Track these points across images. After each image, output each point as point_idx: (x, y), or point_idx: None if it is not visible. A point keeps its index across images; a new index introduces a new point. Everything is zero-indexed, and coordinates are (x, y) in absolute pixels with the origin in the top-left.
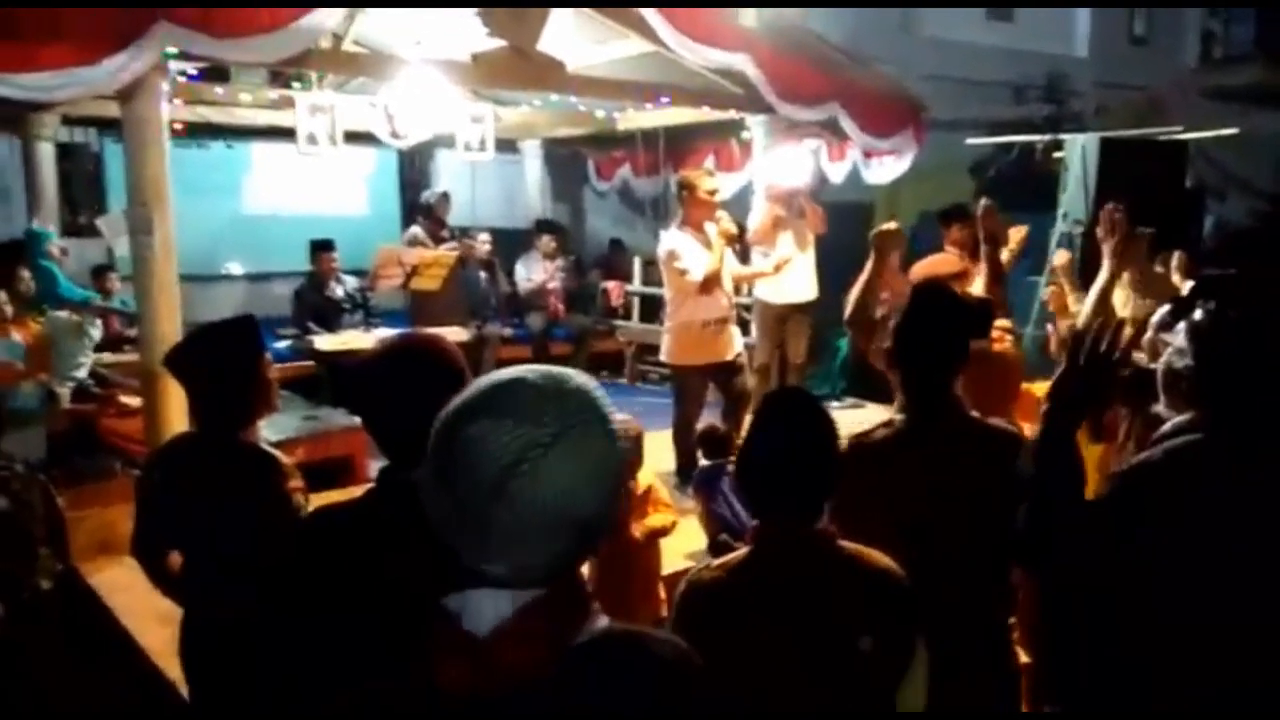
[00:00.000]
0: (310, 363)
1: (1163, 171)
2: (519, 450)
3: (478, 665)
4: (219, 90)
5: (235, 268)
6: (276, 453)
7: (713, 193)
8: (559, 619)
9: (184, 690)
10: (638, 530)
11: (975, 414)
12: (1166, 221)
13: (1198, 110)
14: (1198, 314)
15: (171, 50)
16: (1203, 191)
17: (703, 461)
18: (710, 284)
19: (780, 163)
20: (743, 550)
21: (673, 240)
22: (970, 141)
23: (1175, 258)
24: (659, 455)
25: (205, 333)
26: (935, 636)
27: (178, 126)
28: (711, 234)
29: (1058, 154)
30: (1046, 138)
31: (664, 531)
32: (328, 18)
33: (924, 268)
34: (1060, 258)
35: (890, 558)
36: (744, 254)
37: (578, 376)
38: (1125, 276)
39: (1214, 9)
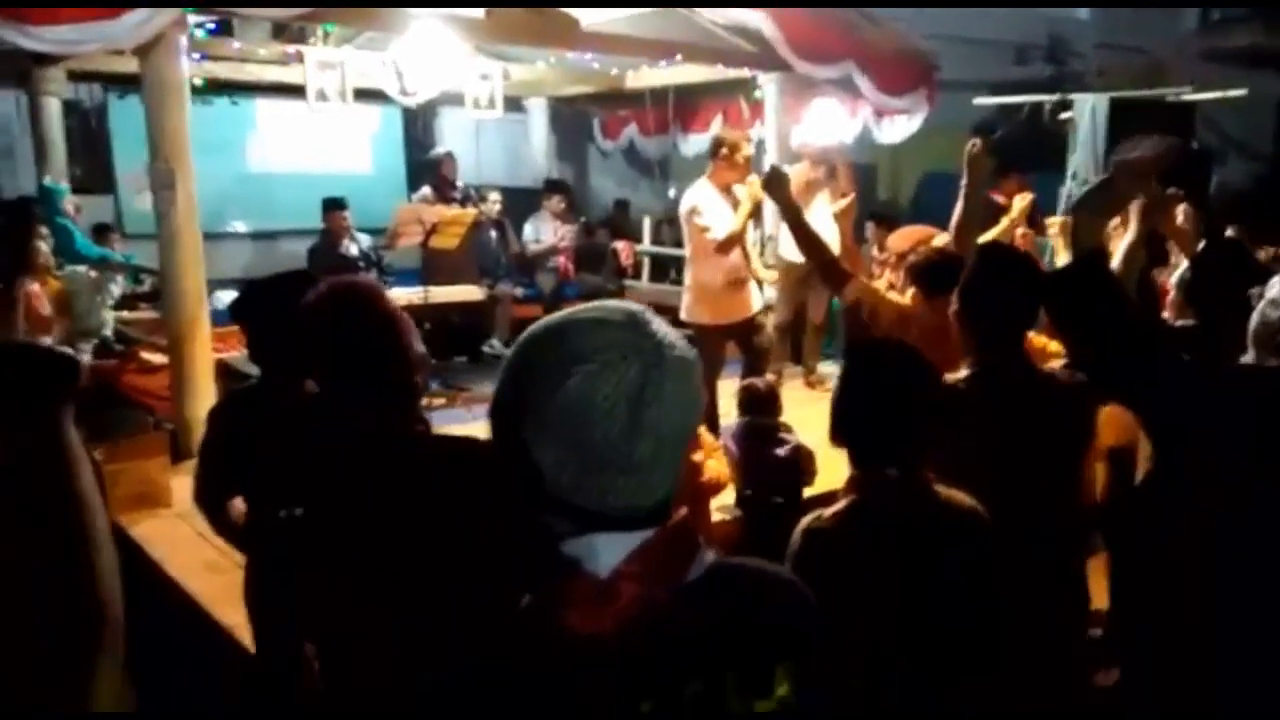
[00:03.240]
0: None
1: (1171, 133)
2: (638, 381)
3: (601, 605)
4: (236, 45)
5: (240, 226)
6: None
7: (748, 159)
8: (673, 555)
9: (243, 636)
10: (707, 473)
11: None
12: (1176, 182)
13: (1198, 72)
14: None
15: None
16: (1210, 153)
17: (740, 417)
18: (729, 245)
19: (816, 121)
20: (847, 499)
21: (697, 196)
22: (978, 101)
23: (1181, 213)
24: None
25: (268, 284)
26: (1012, 573)
27: (196, 83)
28: (741, 195)
29: (1065, 114)
30: (1055, 98)
31: (719, 486)
32: None
33: (905, 237)
34: (1053, 222)
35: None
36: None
37: (626, 305)
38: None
39: None
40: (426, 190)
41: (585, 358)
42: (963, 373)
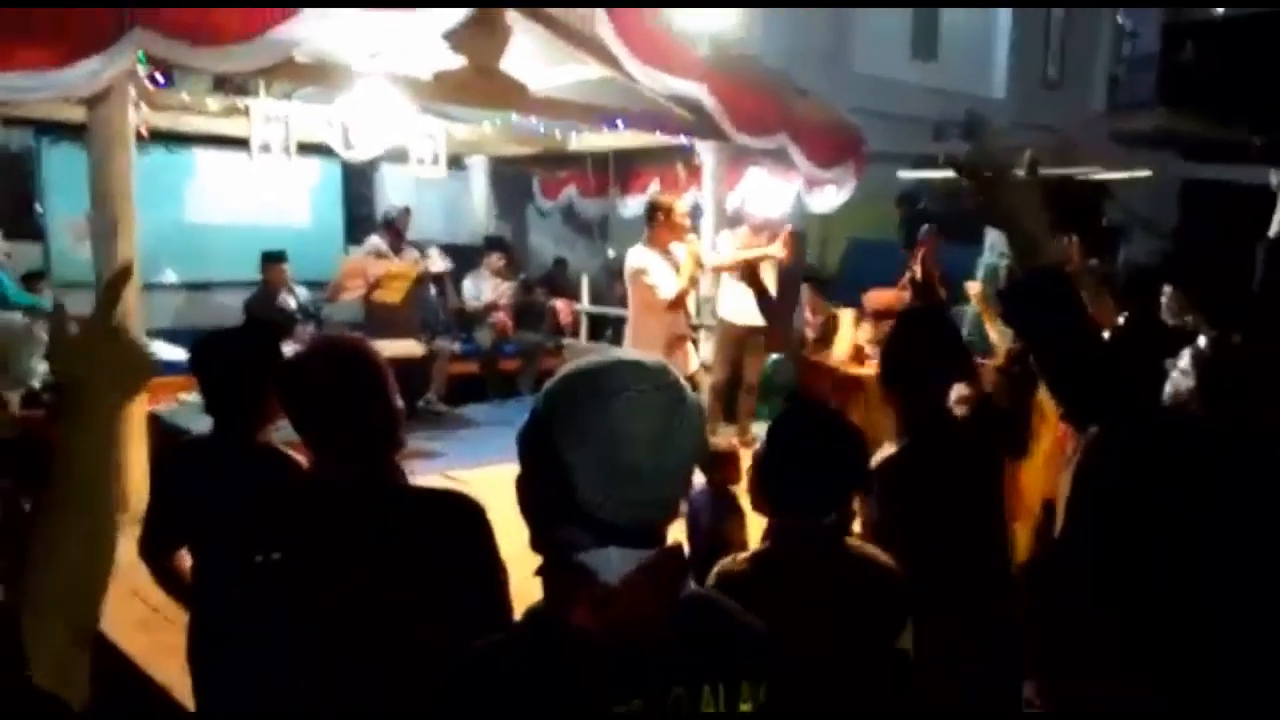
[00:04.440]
0: None
1: (1082, 210)
2: (669, 406)
3: (610, 610)
4: (185, 96)
5: (172, 276)
6: (291, 453)
7: (684, 216)
8: (672, 574)
9: (181, 694)
10: None
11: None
12: (1087, 257)
13: (1106, 152)
14: (1201, 340)
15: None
16: (1118, 230)
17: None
18: (679, 302)
19: (758, 190)
20: (760, 547)
21: (642, 258)
22: (902, 174)
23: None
24: None
25: (226, 335)
26: (945, 630)
27: (142, 132)
28: (680, 255)
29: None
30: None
31: None
32: (303, 28)
33: (879, 298)
34: (973, 287)
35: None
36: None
37: (650, 354)
38: None
39: (1120, 56)
40: (379, 242)
41: (627, 387)
42: (896, 446)
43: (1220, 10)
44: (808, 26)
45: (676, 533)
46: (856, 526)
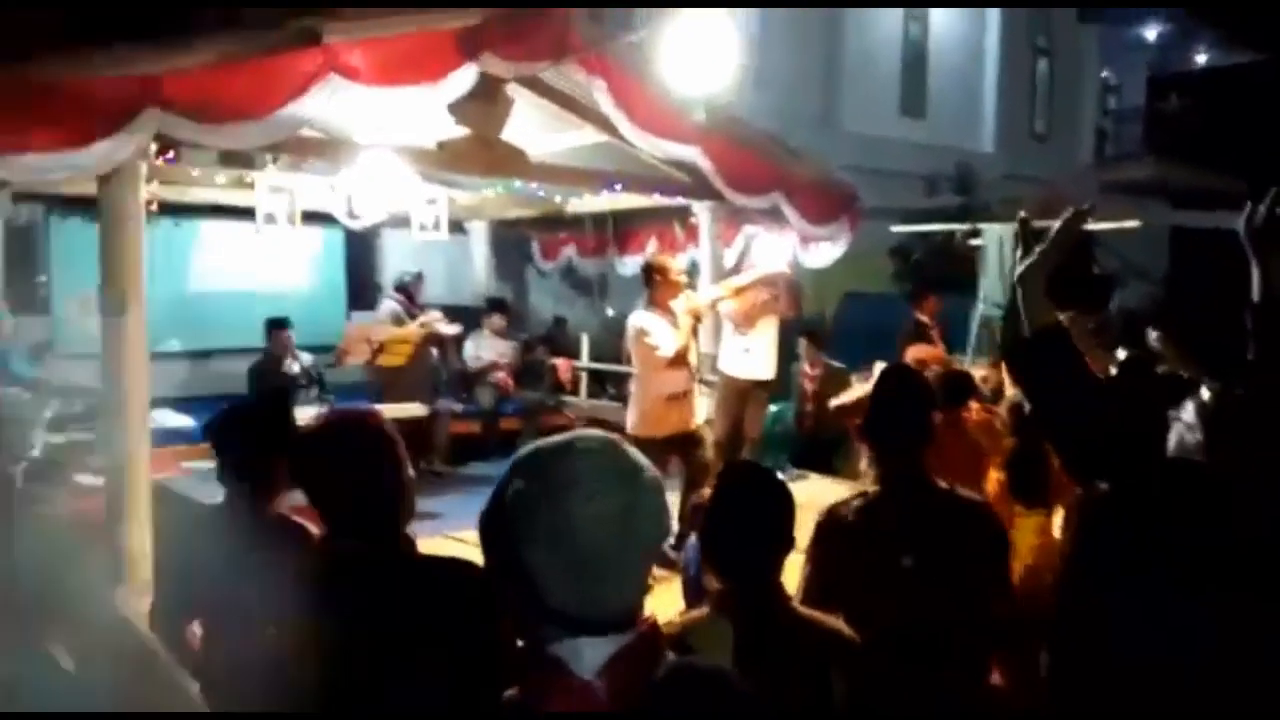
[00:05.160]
0: None
1: (1072, 258)
2: (630, 496)
3: (582, 702)
4: (195, 172)
5: (176, 344)
6: (305, 522)
7: (680, 275)
8: (645, 658)
9: None
10: None
11: (944, 484)
12: (1080, 306)
13: (1096, 203)
14: (1204, 393)
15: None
16: (1109, 278)
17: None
18: (677, 359)
19: (768, 248)
20: (703, 610)
21: (642, 319)
22: (895, 229)
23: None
24: None
25: (241, 406)
26: (910, 692)
27: (152, 208)
28: (679, 311)
29: (975, 241)
30: (966, 226)
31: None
32: (311, 105)
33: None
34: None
35: (867, 620)
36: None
37: (602, 435)
38: None
39: (1105, 109)
40: (396, 307)
41: (579, 482)
42: (870, 489)
43: (1202, 60)
44: (798, 89)
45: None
46: None
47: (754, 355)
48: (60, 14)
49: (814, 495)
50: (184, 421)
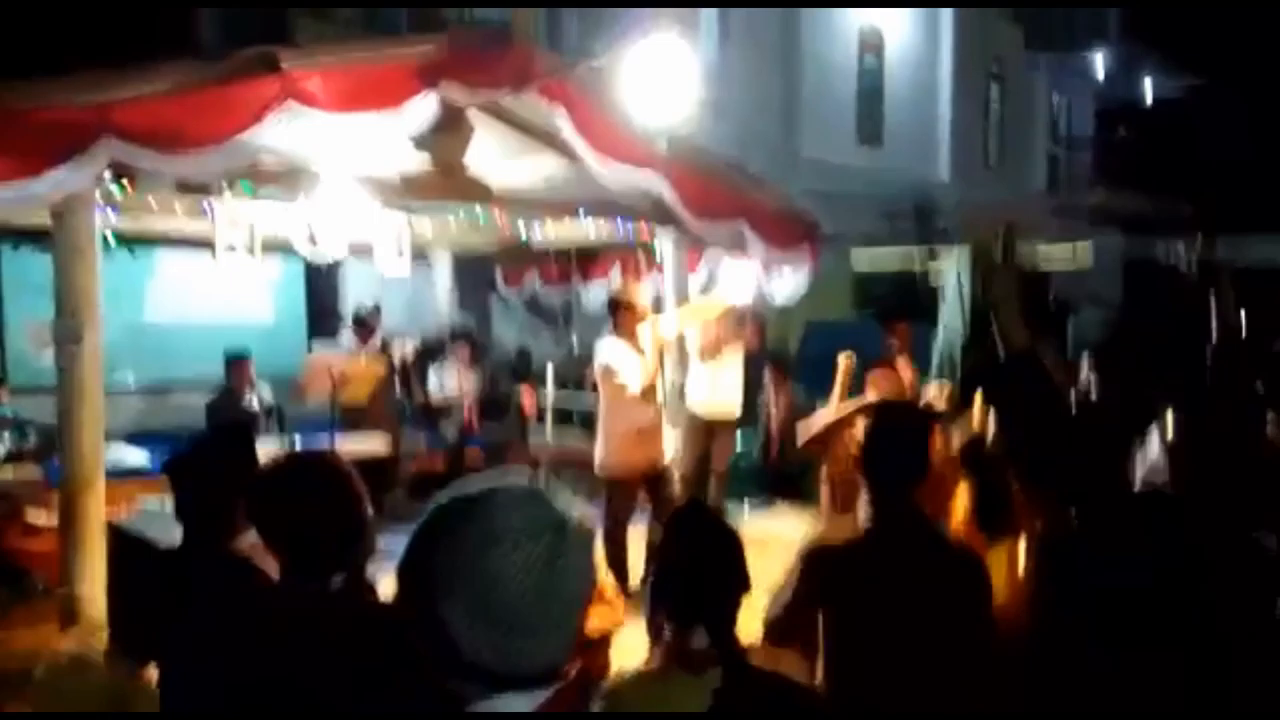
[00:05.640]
0: None
1: (1029, 285)
2: (545, 556)
3: None
4: (151, 200)
5: (131, 378)
6: (258, 563)
7: (645, 308)
8: (571, 708)
9: None
10: (592, 630)
11: (935, 526)
12: (1036, 331)
13: (1050, 229)
14: (1169, 420)
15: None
16: (1065, 305)
17: None
18: (645, 393)
19: (734, 278)
20: (657, 661)
21: (609, 352)
22: (858, 255)
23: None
24: None
25: (201, 442)
26: None
27: (108, 236)
28: (645, 341)
29: (933, 262)
30: (925, 249)
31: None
32: (270, 133)
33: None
34: (930, 390)
35: (845, 662)
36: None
37: (527, 484)
38: None
39: (1056, 136)
40: (350, 337)
41: (498, 537)
42: (862, 526)
43: (1149, 85)
44: (757, 117)
45: None
46: None
47: (720, 389)
48: (13, 42)
49: (783, 527)
50: (139, 457)
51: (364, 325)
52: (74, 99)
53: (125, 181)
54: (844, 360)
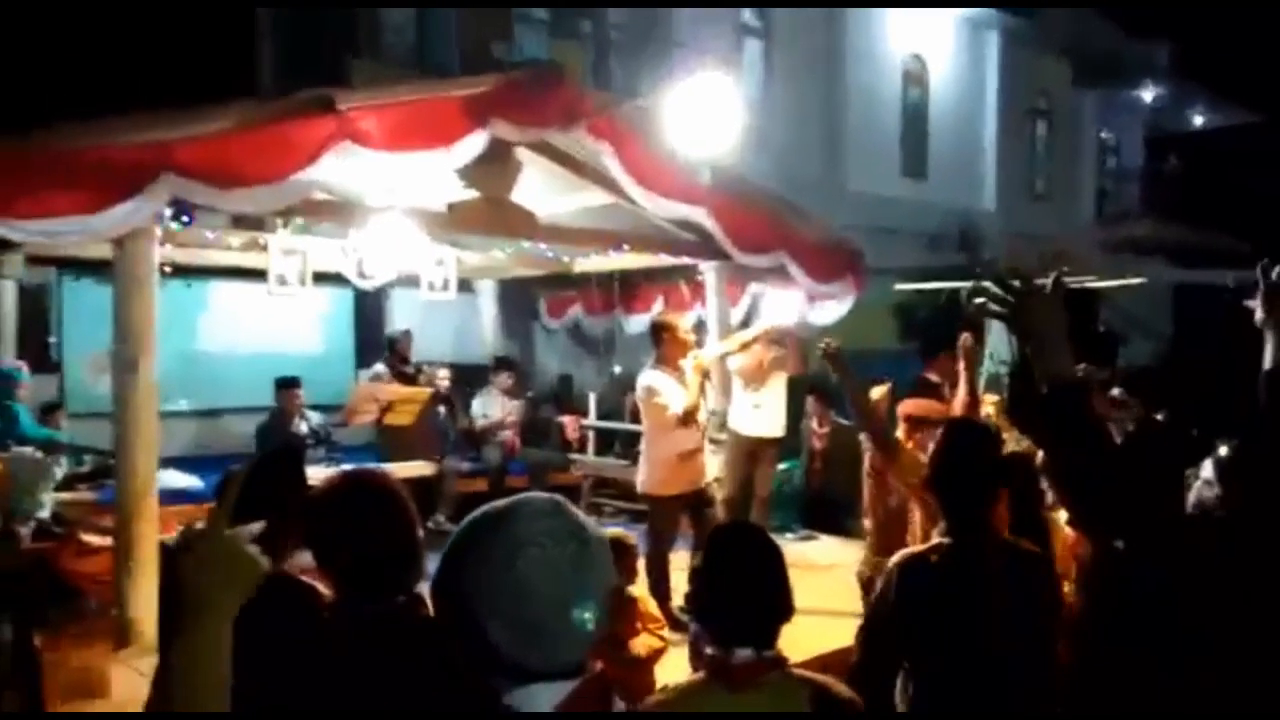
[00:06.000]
0: None
1: (1077, 316)
2: (575, 555)
3: None
4: (209, 235)
5: (185, 404)
6: (315, 583)
7: (688, 334)
8: (594, 703)
9: None
10: (640, 648)
11: (1007, 538)
12: (1086, 362)
13: (1098, 260)
14: (1222, 450)
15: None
16: (1114, 335)
17: None
18: (687, 417)
19: (776, 305)
20: (699, 676)
21: (651, 378)
22: (899, 287)
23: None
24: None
25: (252, 464)
26: None
27: (165, 269)
28: (687, 370)
29: (980, 299)
30: (970, 284)
31: (658, 654)
32: (324, 170)
33: (916, 406)
34: (989, 399)
35: (929, 675)
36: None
37: (550, 496)
38: None
39: (1105, 169)
40: (381, 367)
41: (527, 544)
42: (934, 541)
43: (1199, 121)
44: (800, 151)
45: None
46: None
47: (764, 412)
48: (81, 82)
49: (824, 556)
50: (191, 481)
51: (395, 351)
52: (137, 137)
53: (185, 216)
54: (877, 392)
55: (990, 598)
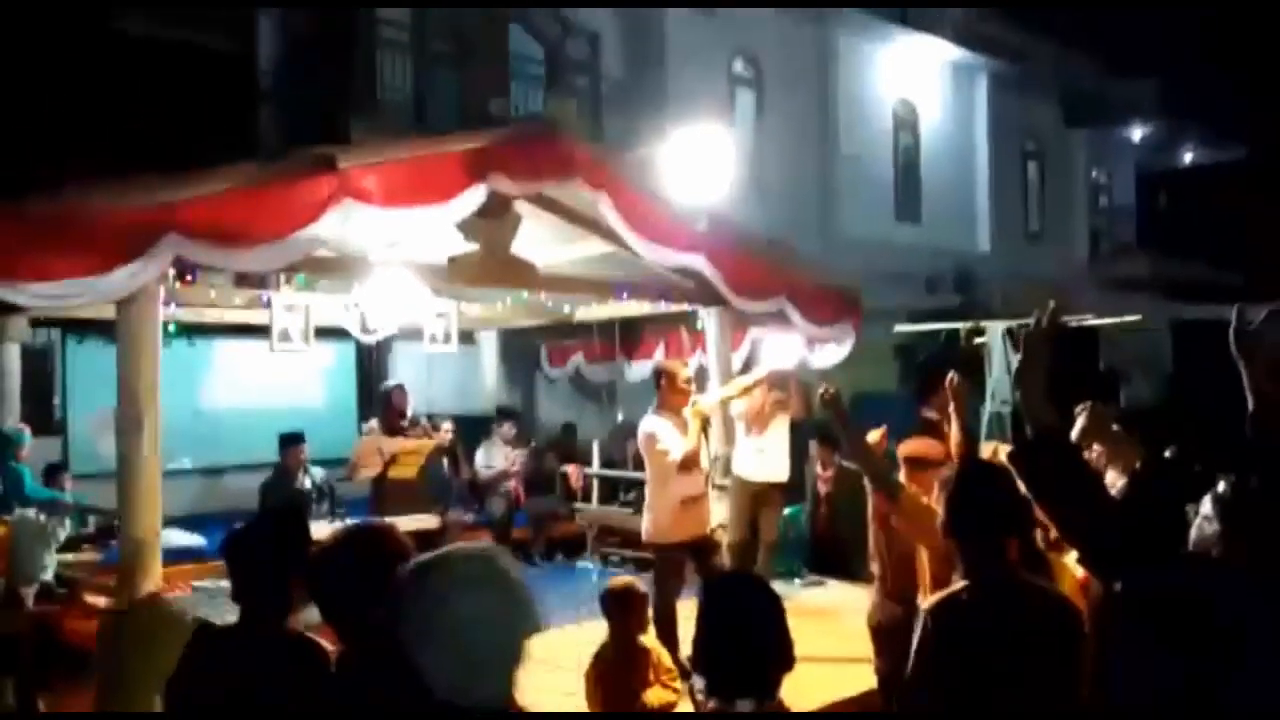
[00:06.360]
0: None
1: (1077, 355)
2: (499, 602)
3: None
4: (212, 293)
5: (187, 462)
6: (319, 640)
7: (689, 381)
8: None
9: None
10: (653, 699)
11: (1026, 577)
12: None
13: (1095, 299)
14: (1221, 486)
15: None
16: (1115, 373)
17: None
18: (689, 463)
19: (776, 349)
20: None
21: (652, 424)
22: (899, 328)
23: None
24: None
25: (255, 524)
26: None
27: (169, 328)
28: (687, 416)
29: (979, 339)
30: (969, 325)
31: (670, 706)
32: (327, 227)
33: (912, 447)
34: (987, 448)
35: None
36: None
37: (480, 544)
38: (1095, 448)
39: (1097, 208)
40: (374, 423)
41: (461, 586)
42: (956, 587)
43: (1189, 157)
44: (795, 197)
45: None
46: None
47: (767, 456)
48: (83, 145)
49: (831, 601)
50: (195, 540)
51: (390, 405)
52: (140, 199)
53: (187, 275)
54: (874, 435)
55: (1022, 638)
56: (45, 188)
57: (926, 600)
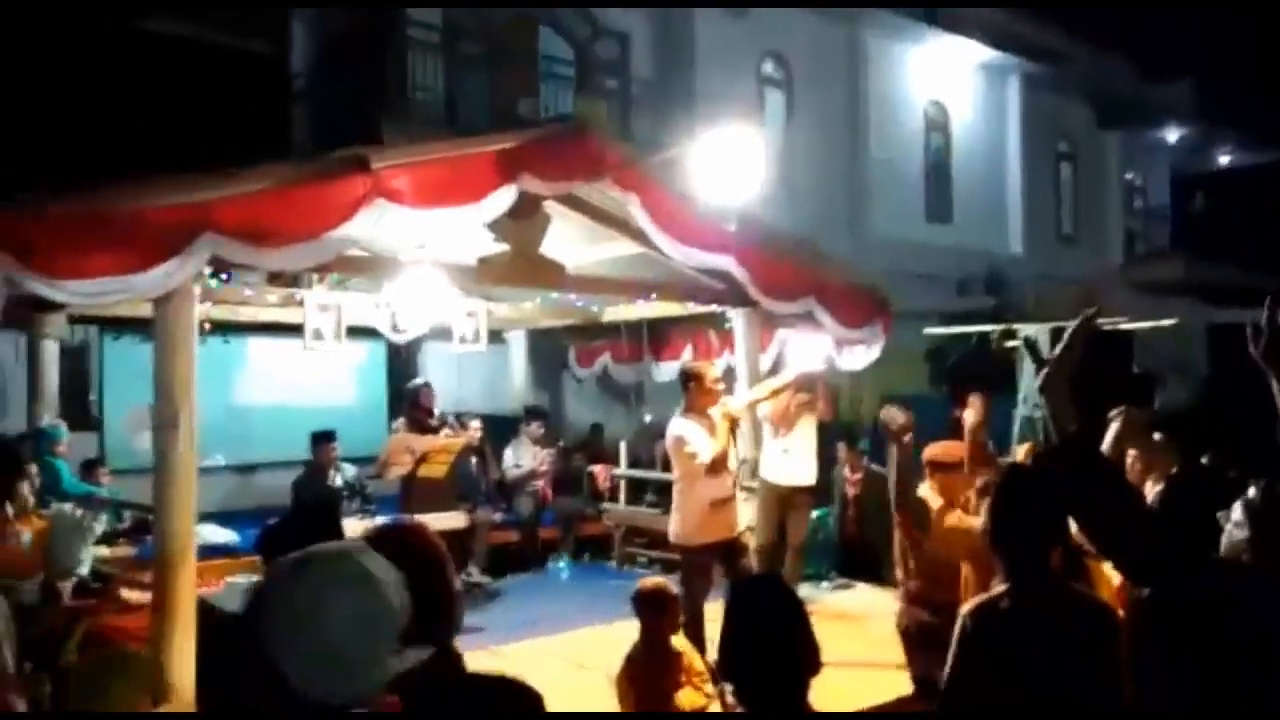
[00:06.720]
0: None
1: (1112, 359)
2: (364, 595)
3: None
4: (248, 292)
5: (220, 459)
6: None
7: (717, 382)
8: None
9: None
10: (684, 702)
11: (1065, 583)
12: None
13: (1129, 302)
14: (1251, 491)
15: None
16: (1151, 377)
17: None
18: (717, 465)
19: (804, 350)
20: None
21: (680, 426)
22: (928, 331)
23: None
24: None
25: (290, 520)
26: None
27: (205, 326)
28: (715, 418)
29: (1011, 342)
30: (1000, 328)
31: (702, 710)
32: (359, 227)
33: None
34: (1020, 451)
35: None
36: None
37: (344, 545)
38: (1130, 453)
39: (1132, 209)
40: (400, 421)
41: (320, 587)
42: (996, 591)
43: (1225, 160)
44: (825, 197)
45: None
46: None
47: (792, 457)
48: (120, 144)
49: (860, 605)
50: (229, 536)
51: (416, 404)
52: (177, 198)
53: (223, 274)
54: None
55: (1061, 644)
56: (82, 187)
57: (965, 605)
